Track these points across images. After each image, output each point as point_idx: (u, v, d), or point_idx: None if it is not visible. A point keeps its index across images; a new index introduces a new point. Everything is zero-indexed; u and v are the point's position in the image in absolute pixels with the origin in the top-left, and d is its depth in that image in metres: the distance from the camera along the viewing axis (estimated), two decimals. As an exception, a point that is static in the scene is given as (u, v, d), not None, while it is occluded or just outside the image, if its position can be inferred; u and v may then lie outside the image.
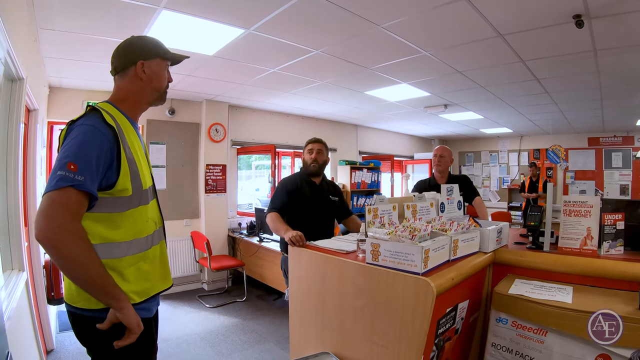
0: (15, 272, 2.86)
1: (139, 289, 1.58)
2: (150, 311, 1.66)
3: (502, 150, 11.51)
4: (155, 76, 1.72)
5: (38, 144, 3.99)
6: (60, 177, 1.31)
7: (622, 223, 2.37)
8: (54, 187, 1.31)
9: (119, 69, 1.69)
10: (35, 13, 3.15)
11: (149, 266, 1.64)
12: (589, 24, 3.21)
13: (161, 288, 1.72)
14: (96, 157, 1.40)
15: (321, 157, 3.71)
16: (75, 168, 1.33)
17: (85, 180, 1.34)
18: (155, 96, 1.77)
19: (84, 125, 1.44)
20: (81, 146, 1.38)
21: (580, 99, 6.15)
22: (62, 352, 4.11)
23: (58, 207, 1.31)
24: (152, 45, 1.74)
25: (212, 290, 6.63)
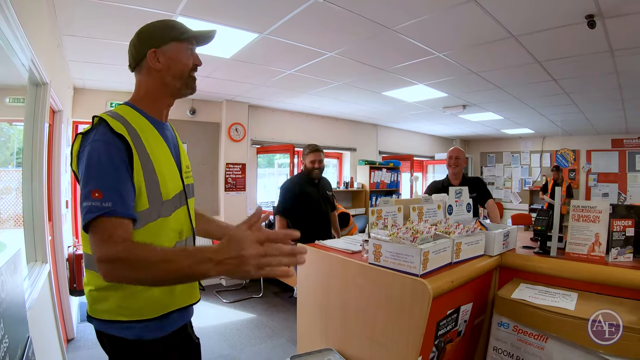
0: (39, 263, 2.97)
1: (153, 303, 1.43)
2: (162, 329, 1.47)
3: (524, 151, 11.36)
4: (173, 62, 1.49)
5: (63, 142, 4.14)
6: (88, 209, 1.20)
7: (632, 229, 2.31)
8: (85, 221, 1.21)
9: (132, 64, 1.54)
10: (58, 20, 3.27)
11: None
12: (603, 24, 3.17)
13: (185, 304, 1.56)
14: (118, 175, 1.28)
15: (322, 165, 4.08)
16: (100, 195, 1.21)
17: (113, 205, 1.22)
18: (179, 84, 1.53)
19: (94, 142, 1.29)
20: (99, 168, 1.26)
21: (601, 99, 6.04)
22: (82, 341, 4.26)
23: (95, 243, 1.20)
24: (161, 30, 1.51)
25: (229, 286, 6.74)
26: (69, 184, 5.02)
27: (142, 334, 1.41)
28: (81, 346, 4.14)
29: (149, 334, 1.43)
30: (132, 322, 1.39)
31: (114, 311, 1.38)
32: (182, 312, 1.56)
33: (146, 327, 1.42)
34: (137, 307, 1.39)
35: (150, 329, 1.43)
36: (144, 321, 1.41)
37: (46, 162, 3.14)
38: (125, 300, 1.38)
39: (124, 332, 1.40)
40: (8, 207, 3.29)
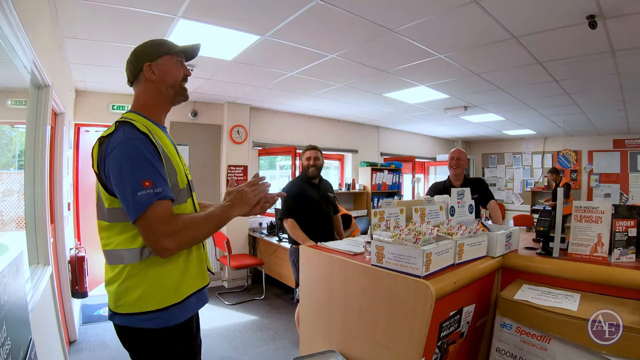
0: (41, 266, 2.98)
1: (175, 289, 1.62)
2: (185, 313, 1.67)
3: (526, 152, 11.34)
4: (166, 73, 1.73)
5: (65, 145, 4.15)
6: (146, 197, 1.43)
7: (634, 230, 2.31)
8: (144, 207, 1.43)
9: (131, 78, 1.76)
10: (59, 23, 3.27)
11: (184, 264, 1.67)
12: (604, 24, 3.16)
13: (199, 286, 1.76)
14: (158, 165, 1.52)
15: (318, 163, 4.07)
16: (150, 184, 1.45)
17: (164, 189, 1.49)
18: (172, 92, 1.77)
19: (127, 141, 1.49)
20: (142, 161, 1.48)
21: (602, 100, 6.03)
22: (84, 343, 4.26)
23: (159, 224, 1.45)
24: (155, 46, 1.76)
25: (232, 288, 6.74)
26: (70, 186, 5.03)
27: (166, 321, 1.58)
28: (83, 348, 4.15)
29: (172, 320, 1.61)
30: (157, 312, 1.56)
31: (139, 303, 1.54)
32: (199, 296, 1.76)
33: (170, 314, 1.59)
34: (160, 295, 1.57)
35: (174, 315, 1.61)
36: (167, 308, 1.58)
37: (48, 164, 3.15)
38: (149, 290, 1.55)
39: (150, 323, 1.56)
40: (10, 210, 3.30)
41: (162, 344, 1.60)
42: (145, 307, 1.54)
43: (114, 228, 1.57)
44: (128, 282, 1.55)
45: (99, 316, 5.08)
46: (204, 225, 1.58)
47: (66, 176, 4.33)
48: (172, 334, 1.62)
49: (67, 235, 4.27)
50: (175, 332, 1.64)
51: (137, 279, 1.55)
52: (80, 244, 5.14)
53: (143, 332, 1.57)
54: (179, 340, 1.67)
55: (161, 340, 1.60)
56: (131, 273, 1.55)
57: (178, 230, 1.48)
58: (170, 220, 1.47)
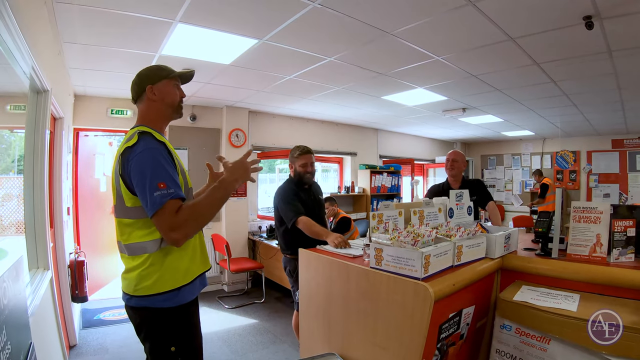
0: (41, 270, 2.98)
1: (185, 272, 1.91)
2: (193, 293, 1.97)
3: (525, 153, 11.35)
4: (166, 95, 2.03)
5: (64, 149, 4.15)
6: (160, 196, 1.69)
7: (633, 230, 2.31)
8: (159, 205, 1.69)
9: (135, 97, 2.04)
10: (58, 28, 3.28)
11: (192, 252, 1.96)
12: (601, 25, 3.17)
13: (203, 269, 2.05)
14: (171, 170, 1.79)
15: (314, 169, 3.88)
16: (164, 185, 1.71)
17: (175, 190, 1.74)
18: (171, 111, 2.08)
19: (148, 149, 1.78)
20: (159, 166, 1.75)
21: (600, 100, 6.04)
22: (84, 348, 4.26)
23: (168, 219, 1.71)
24: (155, 71, 2.04)
25: (231, 291, 6.74)
26: (70, 190, 5.03)
27: (179, 300, 1.87)
28: (83, 352, 4.14)
29: (184, 299, 1.89)
30: (172, 292, 1.84)
31: (157, 285, 1.81)
32: (201, 279, 2.05)
33: (182, 294, 1.88)
34: (174, 278, 1.85)
35: (185, 294, 1.90)
36: (180, 288, 1.87)
37: (47, 169, 3.14)
38: (165, 274, 1.83)
39: (166, 302, 1.84)
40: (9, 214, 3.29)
41: (175, 321, 1.88)
42: (162, 289, 1.82)
43: (136, 224, 1.84)
44: (150, 268, 1.82)
45: (99, 320, 5.08)
46: (206, 209, 1.82)
47: (65, 181, 4.33)
48: (182, 312, 1.90)
49: (67, 239, 4.27)
50: (185, 311, 1.92)
51: (157, 265, 1.82)
52: (79, 248, 5.14)
53: (159, 311, 1.84)
54: (188, 318, 1.95)
55: (174, 318, 1.87)
56: (153, 261, 1.82)
57: (183, 222, 1.73)
58: (178, 214, 1.73)
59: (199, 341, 2.04)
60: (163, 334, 1.86)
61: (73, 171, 5.51)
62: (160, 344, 1.87)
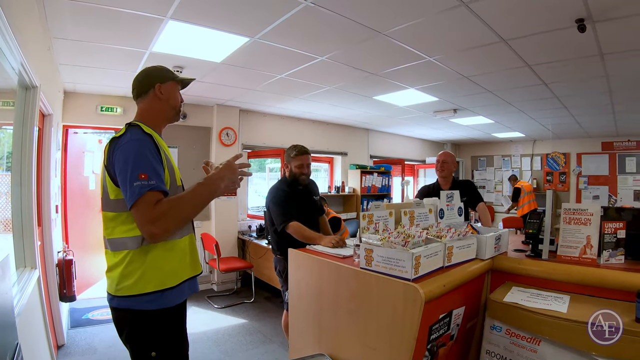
0: (28, 269, 2.94)
1: (173, 274, 1.84)
2: (180, 297, 1.88)
3: (515, 154, 11.41)
4: (171, 96, 2.04)
5: (53, 147, 4.10)
6: (140, 186, 1.64)
7: (623, 232, 2.32)
8: (137, 196, 1.64)
9: (140, 92, 2.00)
10: (48, 24, 3.25)
11: (181, 253, 1.90)
12: (593, 28, 3.18)
13: (192, 274, 1.97)
14: (154, 162, 1.74)
15: (310, 170, 3.75)
16: (146, 176, 1.66)
17: (156, 182, 1.69)
18: (172, 113, 2.09)
19: (132, 140, 1.75)
20: (141, 157, 1.71)
21: (591, 103, 6.08)
22: (72, 347, 4.22)
23: (145, 210, 1.65)
24: (165, 71, 2.07)
25: (221, 291, 6.72)
26: (58, 188, 4.98)
27: (163, 303, 1.79)
28: (71, 352, 4.10)
29: (169, 303, 1.81)
30: (155, 293, 1.76)
31: (139, 285, 1.74)
32: (190, 283, 1.96)
33: (167, 297, 1.80)
34: (158, 278, 1.77)
35: (170, 297, 1.81)
36: (164, 291, 1.79)
37: (35, 166, 3.11)
38: (148, 273, 1.75)
39: (148, 305, 1.75)
40: (-3, 212, 3.26)
41: (157, 325, 1.79)
42: (144, 289, 1.74)
43: (118, 218, 1.78)
44: (130, 266, 1.75)
45: (87, 320, 5.03)
46: (188, 204, 1.79)
47: (54, 178, 4.28)
48: (166, 316, 1.82)
49: (55, 238, 4.23)
50: (170, 315, 1.83)
51: (138, 263, 1.75)
52: (68, 247, 5.09)
53: (141, 313, 1.76)
54: (172, 323, 1.87)
55: (157, 322, 1.79)
56: (133, 258, 1.75)
57: (161, 215, 1.67)
58: (157, 206, 1.67)
59: (183, 348, 1.97)
60: (144, 338, 1.79)
61: (62, 169, 5.45)
62: (140, 348, 1.80)
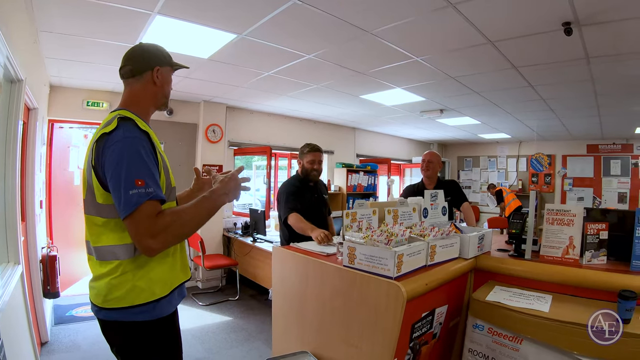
0: (11, 265, 2.91)
1: (163, 283, 1.68)
2: (172, 305, 1.75)
3: (501, 155, 11.49)
4: (166, 82, 1.85)
5: (38, 141, 4.06)
6: (137, 195, 1.46)
7: (605, 233, 2.35)
8: (135, 206, 1.46)
9: (135, 72, 1.76)
10: (35, 16, 3.20)
11: (171, 260, 1.74)
12: (579, 32, 3.21)
13: (182, 280, 1.83)
14: (152, 166, 1.56)
15: (321, 167, 3.94)
16: (143, 183, 1.48)
17: (155, 190, 1.51)
18: (163, 101, 1.89)
19: (127, 138, 1.53)
20: (137, 160, 1.51)
21: (577, 106, 6.13)
22: (56, 345, 4.18)
23: (145, 222, 1.47)
24: (165, 54, 1.86)
25: (205, 288, 6.69)
26: (43, 183, 4.93)
27: (156, 314, 1.64)
28: (55, 349, 4.07)
29: (161, 313, 1.67)
30: (147, 304, 1.60)
31: (130, 296, 1.58)
32: (180, 290, 1.82)
33: (159, 307, 1.65)
34: (150, 289, 1.61)
35: (163, 307, 1.67)
36: (157, 301, 1.63)
37: (19, 161, 3.07)
38: (140, 284, 1.59)
39: (140, 316, 1.60)
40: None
41: (150, 336, 1.65)
42: (136, 301, 1.59)
43: (107, 224, 1.59)
44: (120, 277, 1.58)
45: (71, 317, 4.99)
46: (194, 218, 1.62)
47: (39, 173, 4.24)
48: (159, 326, 1.68)
49: (39, 233, 4.19)
50: (163, 324, 1.69)
51: (129, 275, 1.59)
52: (52, 242, 5.04)
53: (132, 325, 1.61)
54: (166, 332, 1.73)
55: (149, 332, 1.65)
56: (125, 269, 1.58)
57: (163, 229, 1.50)
58: (157, 219, 1.50)
59: (178, 356, 1.85)
60: (137, 350, 1.65)
61: (47, 163, 5.39)
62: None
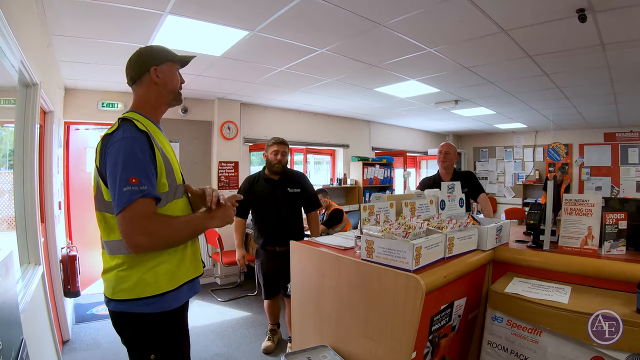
0: (32, 266, 2.97)
1: (170, 277, 1.73)
2: (179, 300, 1.79)
3: (517, 145, 11.38)
4: (169, 79, 1.87)
5: (54, 143, 4.12)
6: (130, 192, 1.51)
7: (624, 222, 2.32)
8: (127, 203, 1.51)
9: (135, 78, 1.84)
10: (47, 21, 3.25)
11: (180, 255, 1.79)
12: (594, 18, 3.16)
13: (192, 276, 1.89)
14: (147, 165, 1.60)
15: (284, 159, 3.89)
16: (137, 181, 1.53)
17: (148, 188, 1.56)
18: (172, 97, 1.92)
19: (125, 138, 1.60)
20: (133, 159, 1.56)
21: (593, 93, 6.05)
22: (77, 343, 4.25)
23: (137, 220, 1.53)
24: (160, 51, 1.89)
25: (224, 284, 6.74)
26: (61, 185, 5.00)
27: (162, 307, 1.70)
28: (76, 348, 4.13)
29: (167, 306, 1.72)
30: (153, 297, 1.67)
31: (137, 289, 1.65)
32: (190, 285, 1.88)
33: (165, 300, 1.71)
34: (156, 282, 1.68)
35: (169, 301, 1.72)
36: (163, 294, 1.69)
37: (37, 163, 3.12)
38: (146, 277, 1.66)
39: (146, 308, 1.67)
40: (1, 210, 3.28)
41: (156, 328, 1.71)
42: (143, 293, 1.65)
43: (115, 220, 1.62)
44: (127, 270, 1.66)
45: (92, 315, 5.06)
46: (182, 230, 1.70)
47: (56, 175, 4.30)
48: (166, 319, 1.73)
49: (59, 234, 4.25)
50: (169, 318, 1.75)
51: (136, 267, 1.65)
52: (71, 243, 5.11)
53: (139, 316, 1.67)
54: (172, 325, 1.79)
55: (156, 324, 1.71)
56: (131, 262, 1.65)
57: (155, 230, 1.58)
58: (150, 218, 1.57)
59: (184, 351, 1.91)
60: (143, 341, 1.72)
61: (64, 165, 5.47)
62: (139, 350, 1.73)
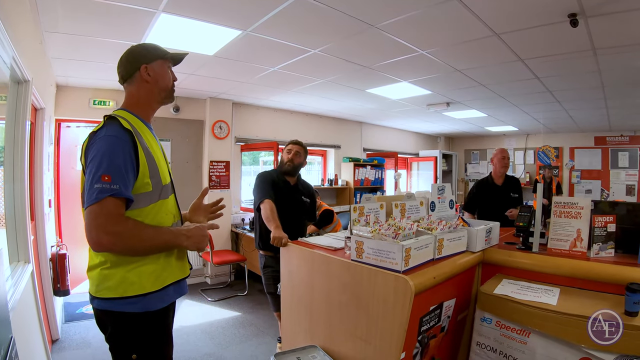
0: (21, 264, 2.94)
1: (155, 278, 1.70)
2: (163, 301, 1.76)
3: (508, 148, 11.39)
4: (160, 77, 1.85)
5: (45, 141, 4.09)
6: (99, 190, 1.48)
7: (613, 225, 2.35)
8: (95, 200, 1.48)
9: (125, 76, 1.83)
10: (40, 17, 3.22)
11: (164, 257, 1.76)
12: (585, 23, 3.19)
13: (178, 277, 1.85)
14: (124, 164, 1.56)
15: (297, 159, 3.80)
16: (109, 179, 1.49)
17: (120, 188, 1.51)
18: (163, 95, 1.90)
19: (107, 136, 1.58)
20: (110, 157, 1.53)
21: (584, 97, 6.08)
22: (66, 342, 4.22)
23: (101, 217, 1.48)
24: (151, 49, 1.87)
25: (214, 284, 6.73)
26: (51, 183, 4.97)
27: (145, 307, 1.67)
28: (66, 347, 4.11)
29: (151, 306, 1.69)
30: (137, 297, 1.64)
31: (120, 288, 1.62)
32: (176, 286, 1.84)
33: (149, 301, 1.68)
34: (140, 282, 1.65)
35: (153, 301, 1.69)
36: (147, 295, 1.66)
37: (28, 160, 3.10)
38: (130, 276, 1.63)
39: (130, 307, 1.64)
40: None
41: (139, 328, 1.68)
42: (126, 292, 1.63)
43: None
44: (111, 268, 1.63)
45: (81, 314, 5.03)
46: (150, 240, 1.64)
47: (47, 173, 4.27)
48: (149, 319, 1.71)
49: (49, 232, 4.21)
50: (153, 318, 1.72)
51: (120, 265, 1.63)
52: (61, 241, 5.08)
53: (122, 315, 1.65)
54: (155, 326, 1.75)
55: (138, 324, 1.68)
56: (115, 260, 1.62)
57: (119, 231, 1.52)
58: (116, 218, 1.52)
59: (167, 351, 1.88)
60: (125, 340, 1.69)
61: (55, 163, 5.43)
62: (121, 349, 1.70)
